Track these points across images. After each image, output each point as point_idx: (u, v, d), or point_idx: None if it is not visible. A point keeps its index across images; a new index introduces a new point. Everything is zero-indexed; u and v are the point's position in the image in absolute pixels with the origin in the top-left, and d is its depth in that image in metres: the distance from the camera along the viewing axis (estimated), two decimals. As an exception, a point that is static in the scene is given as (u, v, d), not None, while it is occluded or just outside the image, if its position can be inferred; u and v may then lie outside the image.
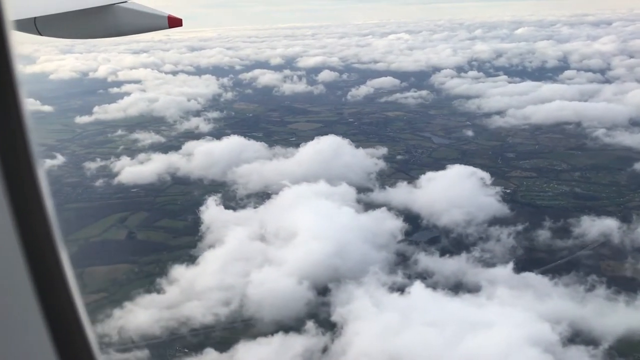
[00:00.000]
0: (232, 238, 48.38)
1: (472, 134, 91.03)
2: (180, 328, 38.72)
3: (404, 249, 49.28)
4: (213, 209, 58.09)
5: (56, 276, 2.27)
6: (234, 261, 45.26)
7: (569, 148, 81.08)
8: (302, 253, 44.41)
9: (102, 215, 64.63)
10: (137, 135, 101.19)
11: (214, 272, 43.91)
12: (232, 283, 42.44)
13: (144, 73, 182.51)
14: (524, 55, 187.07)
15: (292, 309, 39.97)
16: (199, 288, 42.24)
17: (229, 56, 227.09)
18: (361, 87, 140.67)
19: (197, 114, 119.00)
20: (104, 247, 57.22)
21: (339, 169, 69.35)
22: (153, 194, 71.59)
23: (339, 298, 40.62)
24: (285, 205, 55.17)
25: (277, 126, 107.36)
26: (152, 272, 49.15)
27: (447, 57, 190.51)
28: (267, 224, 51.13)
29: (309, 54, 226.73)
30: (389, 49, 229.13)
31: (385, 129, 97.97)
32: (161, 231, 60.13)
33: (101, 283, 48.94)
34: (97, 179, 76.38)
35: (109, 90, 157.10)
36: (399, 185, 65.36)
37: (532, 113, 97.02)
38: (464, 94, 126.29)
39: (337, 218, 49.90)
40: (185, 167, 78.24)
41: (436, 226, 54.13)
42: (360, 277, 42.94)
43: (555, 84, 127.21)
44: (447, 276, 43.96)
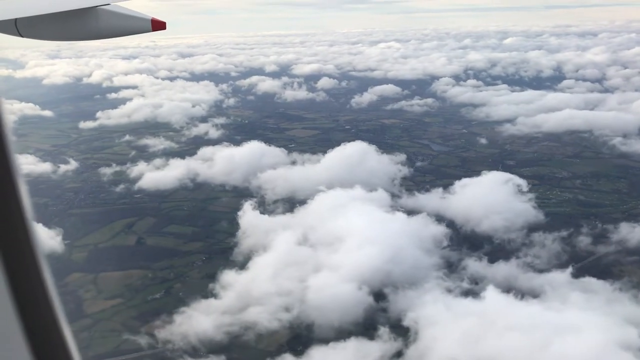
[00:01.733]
0: (280, 243, 48.05)
1: (485, 142, 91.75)
2: (245, 333, 38.22)
3: (449, 254, 49.33)
4: (249, 214, 57.60)
5: (35, 282, 2.23)
6: (286, 266, 44.98)
7: (585, 156, 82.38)
8: (356, 258, 44.27)
9: (132, 218, 64.16)
10: (146, 141, 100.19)
11: (268, 277, 43.51)
12: (290, 288, 42.06)
13: (139, 79, 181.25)
14: (518, 65, 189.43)
15: (353, 314, 39.83)
16: (257, 293, 41.77)
17: (222, 63, 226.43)
18: (364, 94, 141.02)
19: (203, 119, 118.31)
20: (134, 251, 56.54)
21: (364, 174, 69.37)
22: (178, 198, 71.05)
23: (400, 303, 40.63)
24: (324, 211, 55.01)
25: (286, 132, 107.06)
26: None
27: (442, 66, 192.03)
28: (311, 229, 50.83)
29: (302, 61, 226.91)
30: (382, 57, 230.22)
31: (401, 137, 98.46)
32: (197, 236, 59.63)
33: (118, 289, 49.13)
34: (116, 185, 75.34)
35: (106, 96, 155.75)
36: (429, 191, 65.65)
37: (543, 121, 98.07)
38: (468, 102, 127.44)
39: (384, 223, 49.85)
40: (206, 172, 77.64)
41: (475, 232, 54.28)
42: (416, 283, 42.96)
43: (557, 93, 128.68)
44: (499, 281, 44.03)
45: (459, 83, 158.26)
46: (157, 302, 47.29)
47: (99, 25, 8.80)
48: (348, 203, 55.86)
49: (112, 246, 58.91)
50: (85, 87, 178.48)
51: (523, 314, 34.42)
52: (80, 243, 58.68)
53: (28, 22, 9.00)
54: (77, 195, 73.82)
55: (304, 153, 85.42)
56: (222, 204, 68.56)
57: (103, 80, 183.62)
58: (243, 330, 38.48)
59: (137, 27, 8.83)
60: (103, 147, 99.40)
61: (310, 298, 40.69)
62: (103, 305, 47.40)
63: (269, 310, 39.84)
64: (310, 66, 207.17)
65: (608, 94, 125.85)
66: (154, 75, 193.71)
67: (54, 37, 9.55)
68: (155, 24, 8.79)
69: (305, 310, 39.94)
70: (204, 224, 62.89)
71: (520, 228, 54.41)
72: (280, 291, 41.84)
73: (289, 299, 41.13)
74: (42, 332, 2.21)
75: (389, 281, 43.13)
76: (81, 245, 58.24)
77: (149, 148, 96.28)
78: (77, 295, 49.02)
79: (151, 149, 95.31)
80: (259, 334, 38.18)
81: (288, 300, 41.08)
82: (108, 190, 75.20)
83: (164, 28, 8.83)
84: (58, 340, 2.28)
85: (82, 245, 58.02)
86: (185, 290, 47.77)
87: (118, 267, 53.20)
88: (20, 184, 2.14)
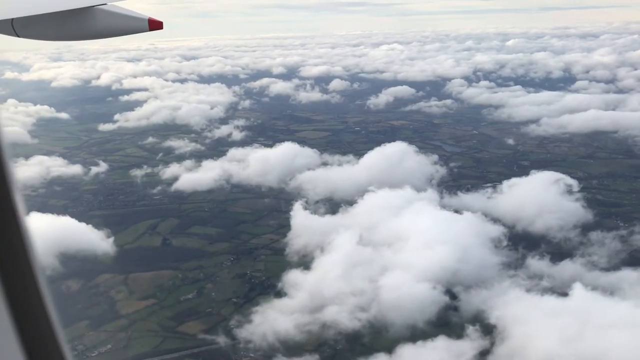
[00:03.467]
0: (342, 243, 47.86)
1: (514, 142, 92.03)
2: (326, 333, 38.08)
3: (510, 253, 49.34)
4: (300, 215, 57.48)
5: (28, 284, 2.27)
6: (353, 266, 44.87)
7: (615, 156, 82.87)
8: (424, 257, 44.22)
9: (174, 218, 64.05)
10: (170, 143, 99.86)
11: (337, 277, 43.35)
12: (362, 288, 41.96)
13: (149, 81, 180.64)
14: (526, 66, 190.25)
15: (430, 313, 39.76)
16: (329, 293, 41.62)
17: (229, 65, 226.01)
18: (380, 96, 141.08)
19: (222, 121, 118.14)
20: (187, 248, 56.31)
21: (402, 174, 69.40)
22: (218, 199, 70.97)
23: (475, 302, 40.59)
24: (376, 211, 54.97)
25: (310, 132, 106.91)
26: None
27: (451, 68, 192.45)
28: (369, 229, 50.73)
29: (308, 63, 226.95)
30: (388, 59, 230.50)
31: (429, 137, 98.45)
32: (261, 237, 59.32)
33: (149, 289, 49.20)
34: (153, 186, 75.04)
35: (118, 98, 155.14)
36: (470, 190, 65.77)
37: (568, 122, 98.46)
38: (486, 103, 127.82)
39: (445, 222, 49.85)
40: (240, 174, 77.45)
41: (529, 231, 54.30)
42: (486, 281, 42.98)
43: (574, 94, 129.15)
44: (566, 280, 44.06)
45: (471, 84, 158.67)
46: (190, 302, 47.63)
47: (96, 25, 8.79)
48: (401, 203, 55.82)
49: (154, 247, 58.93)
50: (94, 89, 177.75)
51: (617, 311, 34.40)
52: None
53: (25, 22, 8.96)
54: (115, 196, 73.61)
55: (334, 154, 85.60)
56: (263, 205, 68.46)
57: (112, 83, 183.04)
58: (324, 329, 38.29)
59: (134, 26, 8.82)
60: (128, 149, 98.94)
61: (385, 297, 40.56)
62: (137, 305, 47.55)
63: (346, 310, 39.68)
64: (318, 68, 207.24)
65: (624, 94, 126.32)
66: (163, 77, 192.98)
67: (51, 37, 9.54)
68: (152, 24, 8.77)
69: (382, 310, 39.77)
70: (251, 224, 62.83)
71: (572, 227, 54.50)
72: (352, 291, 41.69)
73: (363, 299, 41.02)
74: (35, 333, 2.23)
75: (459, 280, 43.12)
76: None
77: (174, 150, 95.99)
78: (110, 296, 49.15)
79: (177, 151, 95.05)
80: (341, 333, 38.00)
81: (362, 299, 40.97)
82: (143, 192, 74.87)
83: (160, 28, 8.83)
84: (51, 341, 2.30)
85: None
86: (217, 291, 48.50)
87: (147, 268, 53.26)
88: (15, 187, 2.19)
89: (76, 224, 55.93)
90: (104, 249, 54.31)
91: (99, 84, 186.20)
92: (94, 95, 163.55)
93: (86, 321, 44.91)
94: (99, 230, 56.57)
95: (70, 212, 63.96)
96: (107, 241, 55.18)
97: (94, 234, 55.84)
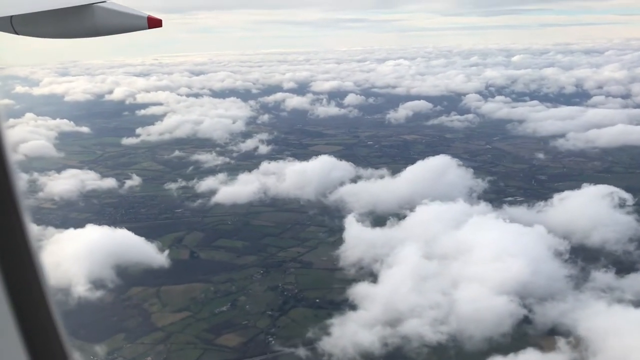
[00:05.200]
0: (406, 256, 47.57)
1: (543, 157, 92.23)
2: (409, 345, 37.68)
3: (572, 265, 49.09)
4: (353, 227, 57.22)
5: (32, 283, 2.28)
6: (422, 279, 44.57)
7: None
8: (495, 270, 43.95)
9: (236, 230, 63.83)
10: (197, 157, 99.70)
11: (408, 290, 43.01)
12: (436, 301, 41.61)
13: (163, 96, 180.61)
14: (538, 82, 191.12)
15: (509, 325, 39.43)
16: (403, 306, 41.26)
17: (240, 80, 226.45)
18: (399, 110, 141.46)
19: (244, 135, 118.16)
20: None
21: (444, 187, 69.36)
22: (264, 211, 71.04)
23: (553, 314, 40.32)
24: (432, 223, 54.75)
25: (341, 146, 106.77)
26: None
27: (463, 83, 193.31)
28: (429, 242, 50.48)
29: (318, 78, 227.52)
30: (397, 74, 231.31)
31: (458, 150, 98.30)
32: (320, 252, 58.94)
33: (182, 302, 49.31)
34: (193, 200, 74.80)
35: (135, 113, 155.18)
36: (515, 204, 65.74)
37: (596, 137, 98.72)
38: (506, 117, 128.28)
39: (508, 235, 49.62)
40: (278, 187, 77.24)
41: (585, 244, 54.09)
42: (560, 294, 42.78)
43: (596, 109, 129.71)
44: (638, 292, 43.85)
45: (486, 99, 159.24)
46: (225, 314, 47.65)
47: (95, 22, 8.77)
48: (456, 216, 55.65)
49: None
50: (108, 104, 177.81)
51: None
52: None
53: (23, 20, 8.98)
54: (152, 208, 73.43)
55: (367, 167, 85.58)
56: (307, 217, 68.30)
57: (125, 97, 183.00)
58: (406, 342, 37.88)
59: (133, 24, 8.80)
60: (155, 163, 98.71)
61: (462, 310, 40.22)
62: (172, 318, 47.50)
63: (426, 323, 39.29)
64: (329, 83, 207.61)
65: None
66: (175, 92, 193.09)
67: (50, 35, 9.54)
68: (152, 22, 8.74)
69: (461, 323, 39.40)
70: (311, 236, 62.75)
71: (629, 240, 54.37)
72: (427, 304, 41.32)
73: (439, 312, 40.65)
74: (39, 332, 2.24)
75: (531, 292, 42.83)
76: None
77: (203, 163, 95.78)
78: (143, 308, 49.03)
79: (206, 165, 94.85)
80: (426, 346, 37.60)
81: (439, 312, 40.60)
82: (182, 205, 74.64)
83: (160, 25, 8.80)
84: (55, 340, 2.31)
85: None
86: (250, 303, 48.67)
87: (178, 281, 53.00)
88: (18, 188, 2.23)
89: (129, 236, 55.55)
90: (159, 261, 53.88)
91: (112, 98, 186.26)
92: (109, 110, 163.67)
93: (122, 334, 44.93)
94: (151, 242, 56.22)
95: (114, 224, 63.59)
96: (161, 254, 54.70)
97: (147, 246, 55.44)
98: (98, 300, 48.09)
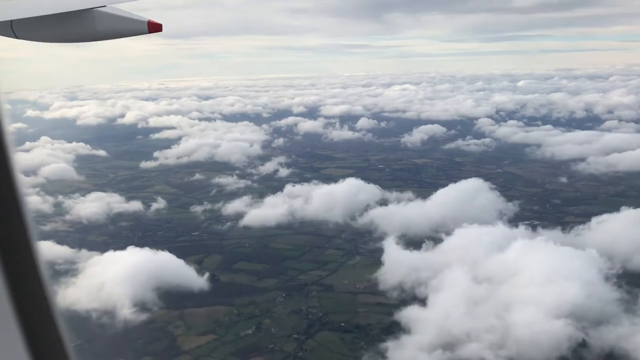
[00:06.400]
0: (455, 279, 47.23)
1: (566, 180, 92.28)
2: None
3: (619, 289, 48.70)
4: (392, 250, 56.95)
5: (34, 284, 2.27)
6: (474, 303, 44.12)
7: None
8: (548, 293, 43.56)
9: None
10: (219, 180, 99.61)
11: (461, 314, 42.58)
12: (491, 324, 41.15)
13: (175, 120, 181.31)
14: (548, 106, 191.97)
15: (569, 349, 38.96)
16: (458, 330, 40.78)
17: (250, 104, 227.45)
18: (414, 134, 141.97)
19: (262, 158, 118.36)
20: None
21: (476, 211, 69.29)
22: (290, 233, 70.85)
23: (608, 337, 39.93)
24: (472, 247, 54.46)
25: (363, 170, 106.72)
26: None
27: (472, 108, 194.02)
28: (474, 265, 50.13)
29: (327, 102, 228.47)
30: (405, 99, 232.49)
31: (482, 174, 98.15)
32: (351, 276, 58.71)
33: (207, 325, 49.14)
34: (222, 223, 74.57)
35: (149, 136, 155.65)
36: (547, 227, 65.54)
37: (617, 161, 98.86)
38: (522, 141, 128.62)
39: (555, 258, 49.31)
40: (305, 210, 77.09)
41: (628, 268, 53.66)
42: (612, 317, 42.37)
43: (612, 133, 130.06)
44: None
45: (498, 124, 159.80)
46: (251, 337, 47.31)
47: (95, 26, 8.84)
48: (495, 239, 55.41)
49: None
50: (121, 127, 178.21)
51: None
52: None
53: (24, 24, 9.00)
54: (184, 230, 73.27)
55: (392, 190, 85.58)
56: (339, 241, 68.05)
57: (138, 121, 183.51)
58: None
59: (133, 28, 8.89)
60: (177, 186, 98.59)
61: (520, 334, 39.76)
62: (197, 341, 47.21)
63: (484, 347, 38.80)
64: (339, 107, 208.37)
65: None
66: (187, 116, 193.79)
67: (50, 39, 9.65)
68: (152, 26, 8.81)
69: (520, 347, 38.92)
70: (343, 259, 62.50)
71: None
72: (483, 327, 40.87)
73: (496, 335, 40.16)
74: (40, 334, 2.24)
75: (585, 315, 42.38)
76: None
77: (224, 186, 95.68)
78: (168, 331, 48.63)
79: (228, 187, 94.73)
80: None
81: (495, 336, 40.12)
82: (210, 227, 74.40)
83: (159, 30, 8.89)
84: (56, 341, 2.31)
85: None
86: (276, 326, 48.51)
87: (201, 303, 52.59)
88: (20, 188, 2.24)
89: (167, 259, 55.28)
90: (199, 284, 53.53)
91: (124, 122, 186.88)
92: (122, 133, 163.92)
93: (149, 357, 44.73)
94: (189, 265, 55.93)
95: (144, 246, 63.29)
96: (201, 277, 54.36)
97: (186, 268, 55.13)
98: (123, 323, 47.69)
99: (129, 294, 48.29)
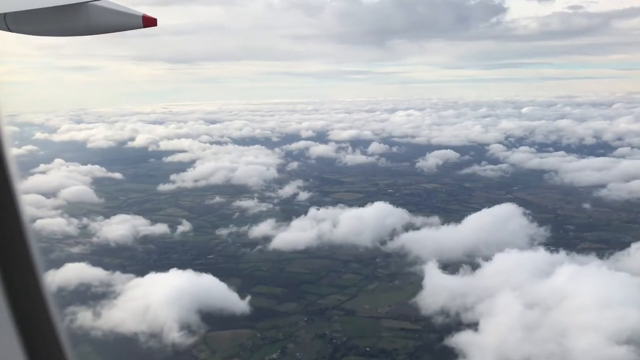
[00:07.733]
0: (505, 305, 46.81)
1: (589, 207, 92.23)
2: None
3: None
4: (433, 275, 56.61)
5: (30, 284, 2.28)
6: (528, 328, 43.70)
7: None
8: (603, 319, 43.10)
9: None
10: (239, 203, 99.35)
11: (517, 340, 42.12)
12: (550, 351, 40.68)
13: (186, 143, 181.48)
14: (556, 133, 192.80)
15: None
16: (516, 356, 40.32)
17: (259, 128, 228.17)
18: (428, 159, 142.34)
19: (278, 181, 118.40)
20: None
21: (508, 236, 69.17)
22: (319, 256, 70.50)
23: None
24: (514, 272, 54.16)
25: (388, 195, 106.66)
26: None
27: (481, 133, 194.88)
28: (519, 290, 49.76)
29: (334, 127, 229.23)
30: (413, 124, 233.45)
31: (512, 198, 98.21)
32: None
33: (231, 348, 48.85)
34: (252, 247, 74.23)
35: (162, 159, 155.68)
36: (582, 252, 65.35)
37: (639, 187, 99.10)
38: (537, 167, 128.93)
39: (608, 283, 49.00)
40: (333, 233, 76.79)
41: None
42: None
43: (628, 160, 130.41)
44: None
45: (510, 149, 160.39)
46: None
47: (90, 20, 8.78)
48: (537, 264, 55.16)
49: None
50: (132, 150, 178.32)
51: None
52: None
53: (17, 17, 8.93)
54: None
55: (418, 214, 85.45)
56: (375, 266, 67.64)
57: (148, 145, 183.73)
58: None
59: (128, 23, 8.82)
60: (199, 209, 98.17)
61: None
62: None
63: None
64: (348, 132, 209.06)
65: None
66: (197, 140, 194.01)
67: (44, 33, 9.56)
68: (147, 20, 8.75)
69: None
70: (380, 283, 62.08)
71: None
72: (542, 353, 40.40)
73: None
74: (36, 332, 2.24)
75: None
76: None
77: (245, 209, 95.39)
78: (193, 355, 47.97)
79: (250, 211, 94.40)
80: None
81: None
82: (239, 251, 74.04)
83: (154, 24, 8.81)
84: (52, 340, 2.31)
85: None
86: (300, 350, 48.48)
87: (223, 326, 51.98)
88: (18, 192, 2.26)
89: (209, 282, 54.81)
90: (240, 307, 53.01)
91: (134, 145, 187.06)
92: (133, 156, 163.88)
93: None
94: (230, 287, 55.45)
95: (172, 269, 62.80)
96: (243, 300, 53.87)
97: (227, 292, 54.66)
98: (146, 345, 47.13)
99: (174, 316, 47.61)
